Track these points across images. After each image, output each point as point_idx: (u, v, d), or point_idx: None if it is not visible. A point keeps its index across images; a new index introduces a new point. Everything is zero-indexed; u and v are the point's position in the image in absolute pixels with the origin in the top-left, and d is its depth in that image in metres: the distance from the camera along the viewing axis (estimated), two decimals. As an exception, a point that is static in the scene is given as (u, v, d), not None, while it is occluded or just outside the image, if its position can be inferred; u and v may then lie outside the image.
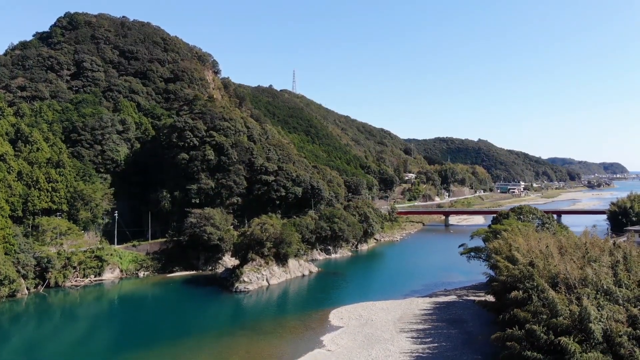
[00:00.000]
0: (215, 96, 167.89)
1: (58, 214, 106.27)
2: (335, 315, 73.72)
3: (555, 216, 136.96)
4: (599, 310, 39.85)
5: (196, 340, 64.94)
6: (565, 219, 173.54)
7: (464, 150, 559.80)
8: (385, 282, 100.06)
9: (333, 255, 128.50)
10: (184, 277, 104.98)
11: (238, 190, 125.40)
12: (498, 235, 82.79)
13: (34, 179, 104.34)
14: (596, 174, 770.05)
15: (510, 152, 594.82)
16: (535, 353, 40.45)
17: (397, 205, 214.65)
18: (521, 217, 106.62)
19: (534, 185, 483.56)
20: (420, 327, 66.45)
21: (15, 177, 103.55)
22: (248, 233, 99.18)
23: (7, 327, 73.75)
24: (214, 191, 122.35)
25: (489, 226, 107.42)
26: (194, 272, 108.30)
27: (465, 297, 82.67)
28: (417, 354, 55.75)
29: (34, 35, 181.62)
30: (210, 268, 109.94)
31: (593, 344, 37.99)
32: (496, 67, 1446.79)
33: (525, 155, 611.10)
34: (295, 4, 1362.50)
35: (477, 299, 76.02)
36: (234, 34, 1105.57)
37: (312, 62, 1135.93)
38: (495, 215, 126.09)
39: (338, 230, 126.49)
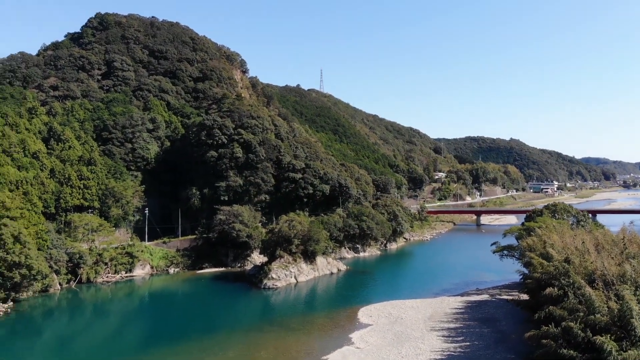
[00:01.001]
0: (243, 95, 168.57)
1: (90, 210, 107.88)
2: (364, 313, 72.67)
3: (590, 215, 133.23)
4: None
5: (225, 335, 64.87)
6: (601, 218, 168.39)
7: (495, 149, 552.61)
8: (415, 280, 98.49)
9: (362, 254, 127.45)
10: (214, 273, 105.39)
11: (266, 187, 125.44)
12: (532, 233, 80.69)
13: (66, 176, 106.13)
14: (632, 174, 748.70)
15: (543, 151, 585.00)
16: (572, 351, 39.01)
17: (427, 205, 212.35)
18: (555, 214, 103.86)
19: (568, 185, 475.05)
20: (452, 325, 65.00)
21: (48, 174, 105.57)
22: (276, 230, 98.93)
23: (40, 322, 74.85)
24: (242, 188, 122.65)
25: (523, 224, 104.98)
26: (223, 268, 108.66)
27: (497, 296, 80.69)
28: (448, 353, 54.43)
29: (65, 36, 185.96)
30: (239, 265, 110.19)
31: (633, 341, 36.39)
32: (529, 66, 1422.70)
33: (559, 155, 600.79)
34: (325, 3, 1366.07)
35: (510, 297, 74.19)
36: (262, 33, 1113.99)
37: (339, 61, 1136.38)
38: (528, 214, 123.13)
39: (366, 229, 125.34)
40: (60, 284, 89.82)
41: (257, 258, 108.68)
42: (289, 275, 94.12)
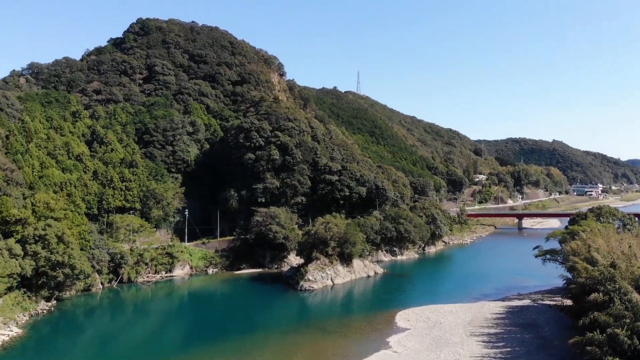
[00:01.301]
0: (280, 98, 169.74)
1: (131, 211, 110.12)
2: (402, 317, 71.75)
3: (637, 219, 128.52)
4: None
5: (262, 336, 65.23)
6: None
7: (537, 151, 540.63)
8: (454, 285, 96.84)
9: (399, 257, 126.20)
10: (251, 274, 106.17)
11: (302, 189, 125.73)
12: (575, 237, 78.43)
13: (109, 178, 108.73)
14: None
15: (587, 153, 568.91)
16: (617, 359, 37.69)
17: (466, 208, 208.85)
18: (600, 218, 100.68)
19: (613, 187, 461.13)
20: (492, 331, 63.53)
21: (91, 176, 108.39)
22: (312, 232, 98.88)
23: (82, 320, 76.85)
24: (279, 190, 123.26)
25: (566, 227, 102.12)
26: (260, 269, 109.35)
27: (540, 302, 78.53)
28: (488, 359, 53.18)
29: (108, 41, 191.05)
30: (276, 266, 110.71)
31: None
32: (572, 64, 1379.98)
33: (603, 157, 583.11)
34: (361, 6, 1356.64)
35: (552, 303, 72.08)
36: (299, 36, 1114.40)
37: (376, 62, 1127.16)
38: (571, 218, 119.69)
39: (404, 232, 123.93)
40: (102, 283, 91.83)
41: (294, 259, 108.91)
42: (325, 277, 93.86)
